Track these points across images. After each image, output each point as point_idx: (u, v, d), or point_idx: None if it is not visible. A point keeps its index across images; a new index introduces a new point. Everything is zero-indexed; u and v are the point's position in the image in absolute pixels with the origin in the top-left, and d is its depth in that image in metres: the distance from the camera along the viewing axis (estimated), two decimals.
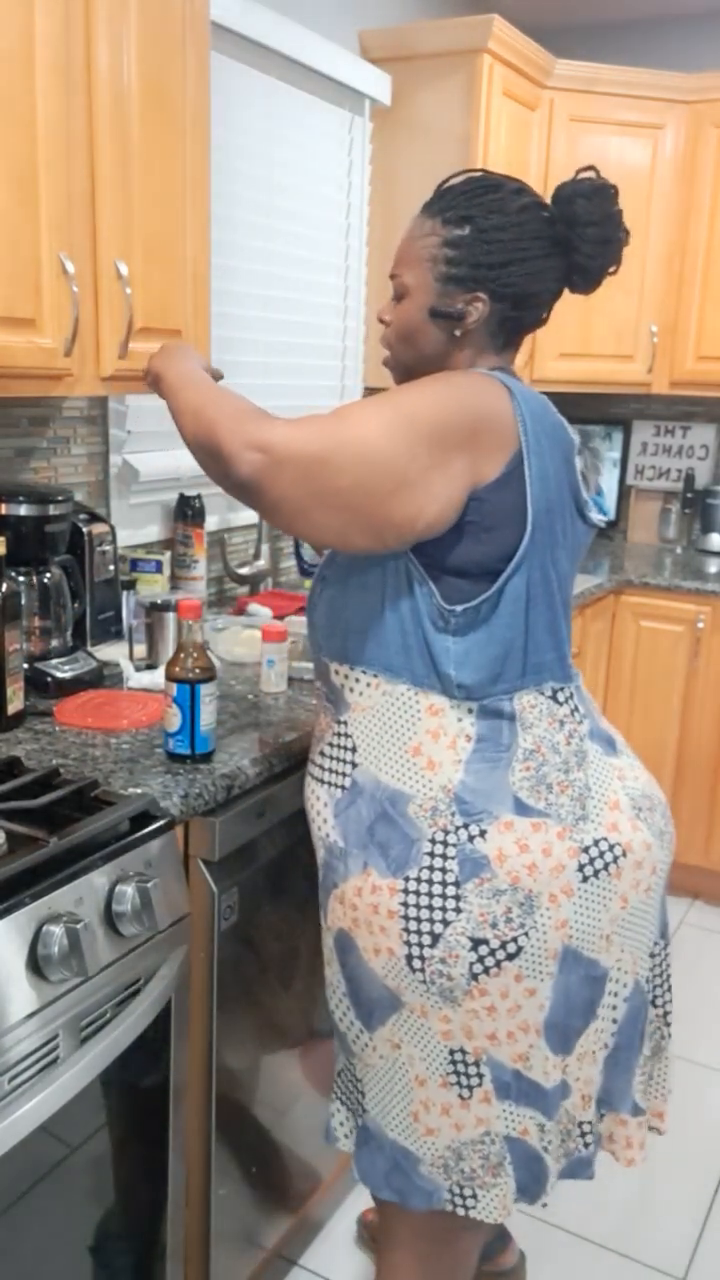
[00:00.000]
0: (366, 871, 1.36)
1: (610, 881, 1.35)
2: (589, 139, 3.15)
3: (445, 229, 1.35)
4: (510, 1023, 1.34)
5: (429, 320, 1.38)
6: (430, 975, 1.32)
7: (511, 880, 1.30)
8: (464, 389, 1.27)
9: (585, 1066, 1.41)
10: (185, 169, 1.79)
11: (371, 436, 1.22)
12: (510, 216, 1.33)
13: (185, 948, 1.43)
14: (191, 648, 1.50)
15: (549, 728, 1.35)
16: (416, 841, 1.32)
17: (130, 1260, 1.44)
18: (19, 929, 1.16)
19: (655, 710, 3.24)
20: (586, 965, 1.36)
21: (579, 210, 1.34)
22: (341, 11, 2.79)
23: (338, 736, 1.41)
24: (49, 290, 1.55)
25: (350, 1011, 1.43)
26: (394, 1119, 1.42)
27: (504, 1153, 1.40)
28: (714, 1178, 2.20)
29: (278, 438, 1.21)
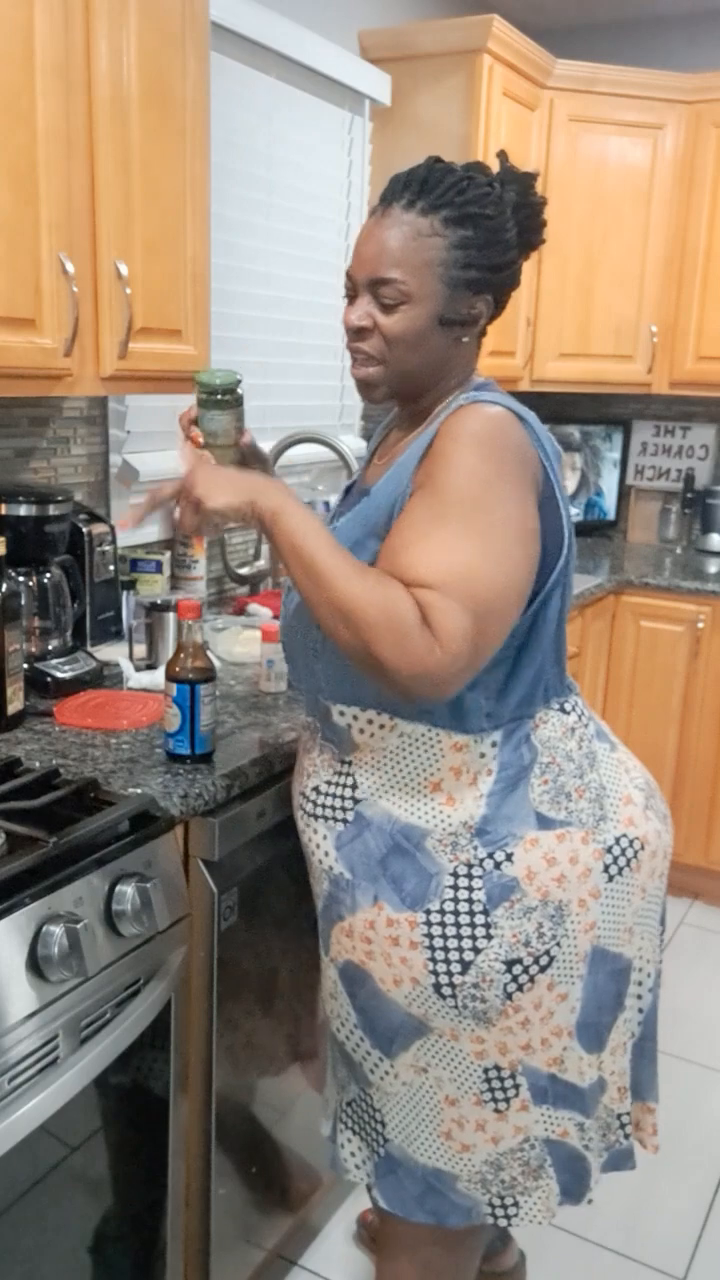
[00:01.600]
0: (378, 905, 1.33)
1: (632, 876, 1.36)
2: (589, 139, 3.15)
3: (449, 230, 1.25)
4: (544, 1030, 1.33)
5: (438, 328, 1.29)
6: (463, 1000, 1.31)
7: (541, 896, 1.29)
8: (500, 452, 1.21)
9: (618, 1059, 1.42)
10: (185, 169, 1.79)
11: (487, 574, 1.17)
12: (505, 218, 1.29)
13: (185, 948, 1.43)
14: (191, 648, 1.50)
15: (562, 737, 1.34)
16: (436, 875, 1.30)
17: (130, 1260, 1.44)
18: (19, 929, 1.16)
19: (655, 710, 3.24)
20: (612, 960, 1.37)
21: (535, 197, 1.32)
22: (341, 11, 2.79)
23: (339, 775, 1.37)
24: (49, 290, 1.55)
25: (365, 1041, 1.40)
26: (423, 1142, 1.40)
27: (544, 1155, 1.39)
28: (714, 1178, 2.20)
29: (443, 662, 1.14)
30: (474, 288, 1.29)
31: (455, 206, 1.26)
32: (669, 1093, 2.44)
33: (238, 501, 1.22)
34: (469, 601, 1.15)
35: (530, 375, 3.29)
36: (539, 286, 3.22)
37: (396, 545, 1.21)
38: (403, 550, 1.19)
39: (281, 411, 2.78)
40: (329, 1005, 1.46)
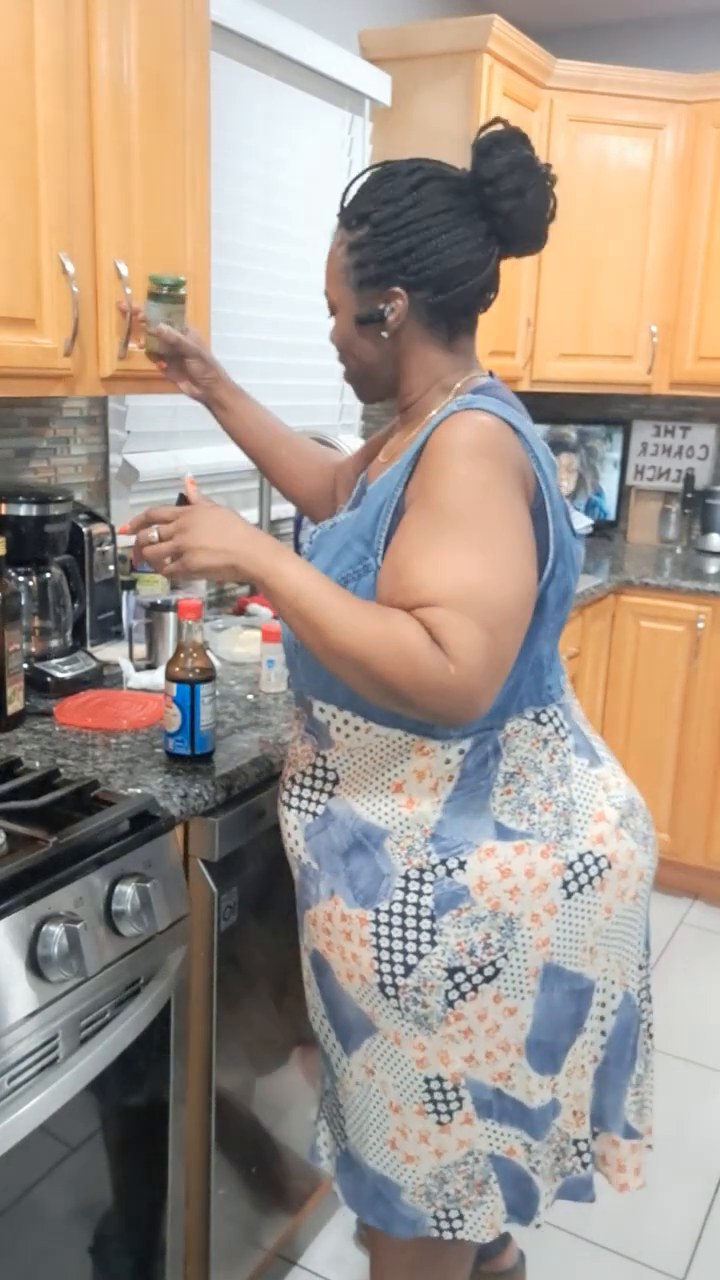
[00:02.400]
0: (334, 899, 1.34)
1: (595, 894, 1.32)
2: (589, 139, 3.15)
3: (348, 234, 1.30)
4: (489, 1043, 1.31)
5: (358, 330, 1.33)
6: (405, 1003, 1.30)
7: (492, 906, 1.28)
8: (492, 460, 1.19)
9: (575, 1081, 1.38)
10: (185, 169, 1.79)
11: (495, 584, 1.15)
12: (404, 200, 1.26)
13: (185, 948, 1.43)
14: (191, 648, 1.50)
15: (531, 749, 1.31)
16: (388, 876, 1.29)
17: (130, 1260, 1.44)
18: (19, 929, 1.16)
19: (655, 710, 3.24)
20: (570, 979, 1.33)
21: (484, 168, 1.26)
22: (341, 11, 2.79)
23: (316, 769, 1.37)
24: (49, 290, 1.55)
25: (331, 1034, 1.41)
26: (371, 1147, 1.40)
27: (489, 1170, 1.37)
28: (714, 1178, 2.20)
29: (461, 678, 1.13)
30: (376, 283, 1.29)
31: (351, 211, 1.30)
32: (669, 1093, 2.44)
33: (219, 564, 1.21)
34: (480, 613, 1.14)
35: (530, 375, 3.29)
36: (539, 286, 3.22)
37: (399, 566, 1.19)
38: (405, 571, 1.18)
39: (281, 411, 2.78)
40: (307, 992, 1.47)
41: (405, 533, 1.21)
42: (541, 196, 1.29)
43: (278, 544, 1.23)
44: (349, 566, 1.28)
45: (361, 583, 1.27)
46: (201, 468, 2.46)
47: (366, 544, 1.28)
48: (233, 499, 2.63)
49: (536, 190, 1.28)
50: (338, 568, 1.29)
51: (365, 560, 1.27)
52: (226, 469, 2.55)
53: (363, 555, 1.27)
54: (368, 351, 1.34)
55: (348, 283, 1.31)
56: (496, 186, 1.26)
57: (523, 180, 1.26)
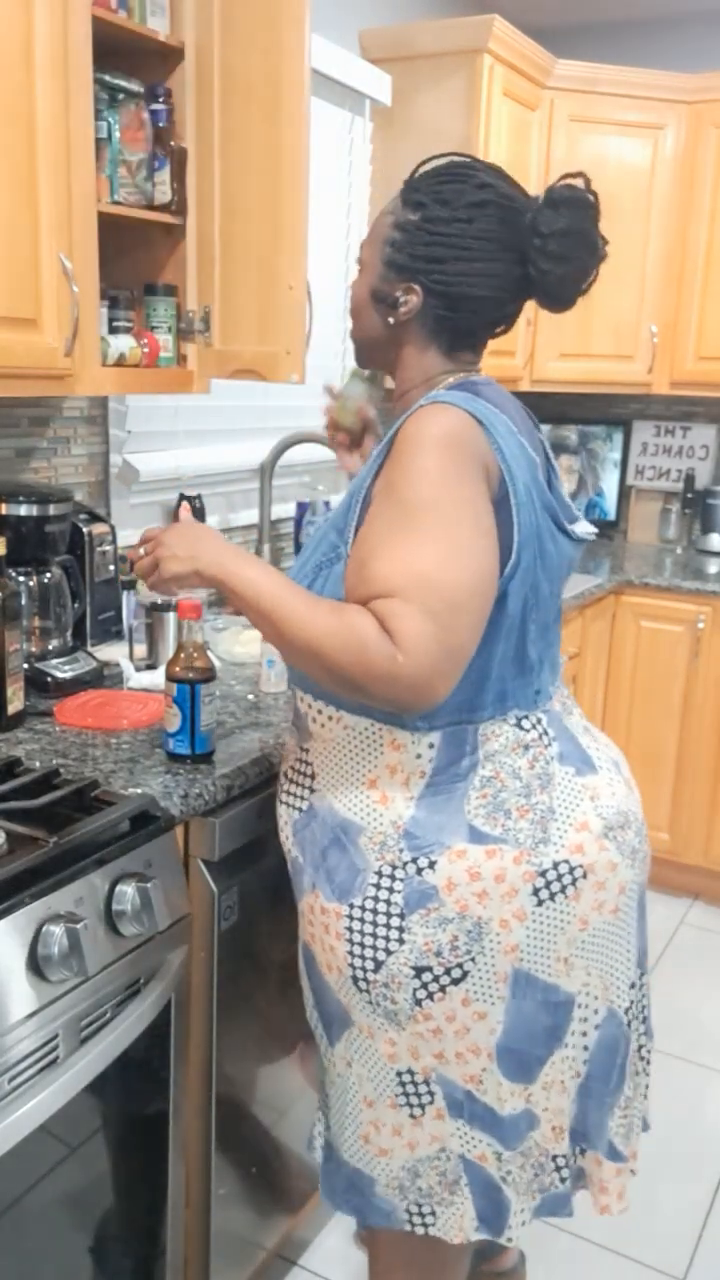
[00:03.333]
0: (315, 892, 1.36)
1: (568, 904, 1.31)
2: (589, 139, 3.15)
3: (401, 210, 1.31)
4: (459, 1044, 1.32)
5: (370, 301, 1.35)
6: (375, 997, 1.32)
7: (460, 909, 1.28)
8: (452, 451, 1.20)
9: (554, 1096, 1.37)
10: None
11: (446, 572, 1.17)
12: (459, 211, 1.26)
13: (185, 948, 1.43)
14: (191, 648, 1.50)
15: (511, 754, 1.31)
16: (362, 871, 1.31)
17: (130, 1260, 1.44)
18: (19, 929, 1.16)
19: (655, 710, 3.24)
20: (543, 990, 1.32)
21: (541, 219, 1.26)
22: (341, 11, 2.79)
23: (300, 763, 1.41)
24: (49, 290, 1.55)
25: (319, 1024, 1.44)
26: (347, 1140, 1.42)
27: (460, 1170, 1.38)
28: (714, 1178, 2.20)
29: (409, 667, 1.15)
30: (401, 272, 1.30)
31: (418, 191, 1.30)
32: (669, 1093, 2.44)
33: (185, 570, 1.28)
34: (430, 601, 1.16)
35: (530, 375, 3.29)
36: None
37: (362, 557, 1.23)
38: (366, 563, 1.22)
39: (282, 411, 2.78)
40: (301, 982, 1.49)
41: (369, 525, 1.24)
42: (583, 271, 1.30)
43: (244, 552, 1.28)
44: (324, 554, 1.32)
45: (334, 571, 1.30)
46: (202, 468, 2.46)
47: (339, 533, 1.31)
48: (233, 499, 2.63)
49: (580, 264, 1.29)
50: (315, 556, 1.33)
51: (337, 549, 1.30)
52: (227, 469, 2.55)
53: (335, 544, 1.31)
54: (373, 324, 1.36)
55: (380, 255, 1.33)
56: (545, 244, 1.27)
57: (571, 250, 1.27)
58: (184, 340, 1.94)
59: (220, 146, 1.83)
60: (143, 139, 1.77)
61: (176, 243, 1.90)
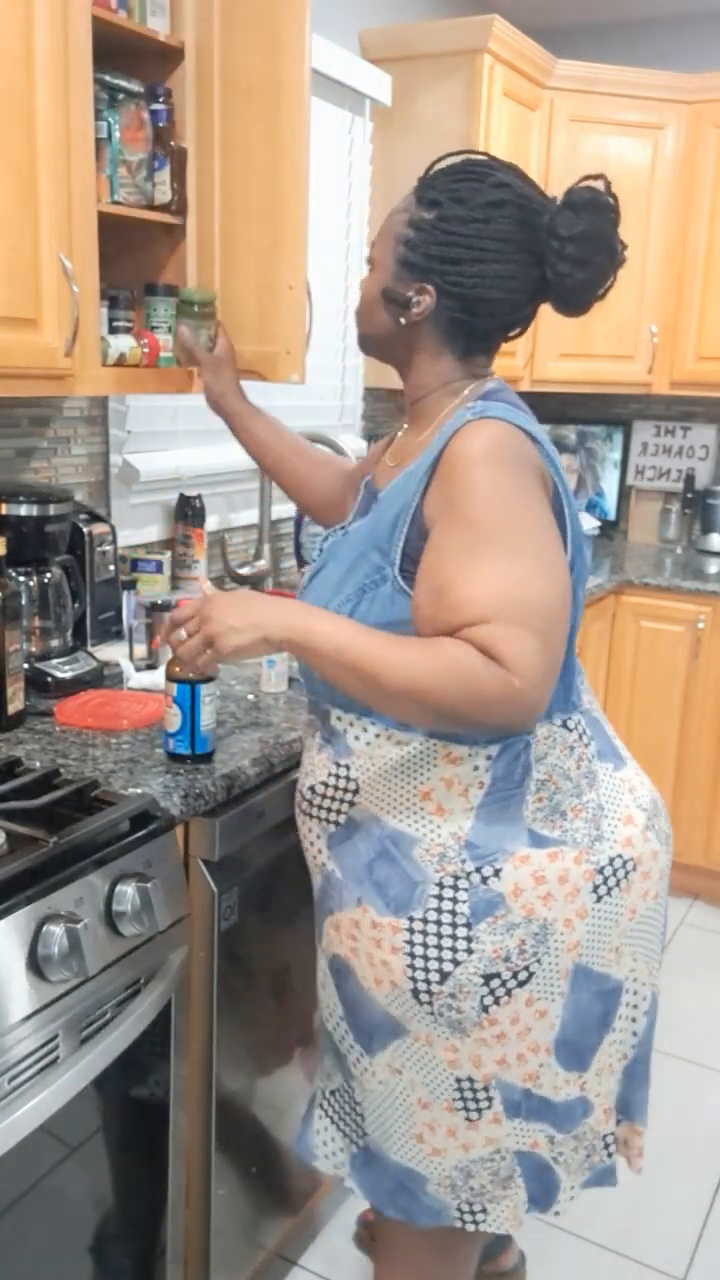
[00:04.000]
0: (362, 907, 1.33)
1: (622, 896, 1.33)
2: (589, 139, 3.15)
3: (416, 209, 1.28)
4: (520, 1045, 1.32)
5: (380, 300, 1.32)
6: (439, 1008, 1.30)
7: (526, 913, 1.28)
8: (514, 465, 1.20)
9: (605, 1080, 1.39)
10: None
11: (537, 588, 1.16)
12: (475, 210, 1.24)
13: (185, 948, 1.43)
14: None
15: (560, 756, 1.31)
16: (421, 884, 1.29)
17: (130, 1260, 1.44)
18: (19, 929, 1.16)
19: (655, 710, 3.24)
20: (598, 980, 1.34)
21: (560, 222, 1.25)
22: (341, 11, 2.79)
23: (336, 778, 1.36)
24: (49, 290, 1.55)
25: (349, 1034, 1.40)
26: (396, 1141, 1.40)
27: (514, 1167, 1.38)
28: (714, 1178, 2.20)
29: (524, 689, 1.14)
30: (415, 272, 1.28)
31: (433, 189, 1.28)
32: (669, 1093, 2.44)
33: (249, 640, 1.21)
34: (530, 620, 1.15)
35: (530, 375, 3.29)
36: None
37: (439, 586, 1.19)
38: (447, 591, 1.18)
39: (282, 411, 2.78)
40: (321, 994, 1.46)
41: (439, 551, 1.21)
42: (601, 275, 1.28)
43: (302, 604, 1.24)
44: (366, 576, 1.28)
45: (379, 592, 1.27)
46: (202, 468, 2.46)
47: (383, 554, 1.27)
48: (233, 499, 2.63)
49: (599, 268, 1.27)
50: (354, 577, 1.29)
51: (382, 570, 1.27)
52: (227, 469, 2.55)
53: (379, 565, 1.28)
54: (384, 323, 1.34)
55: (393, 253, 1.30)
56: (563, 246, 1.25)
57: (591, 254, 1.26)
58: None
59: (220, 146, 1.83)
60: (143, 139, 1.77)
61: (176, 243, 1.90)
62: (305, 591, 1.38)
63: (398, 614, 1.26)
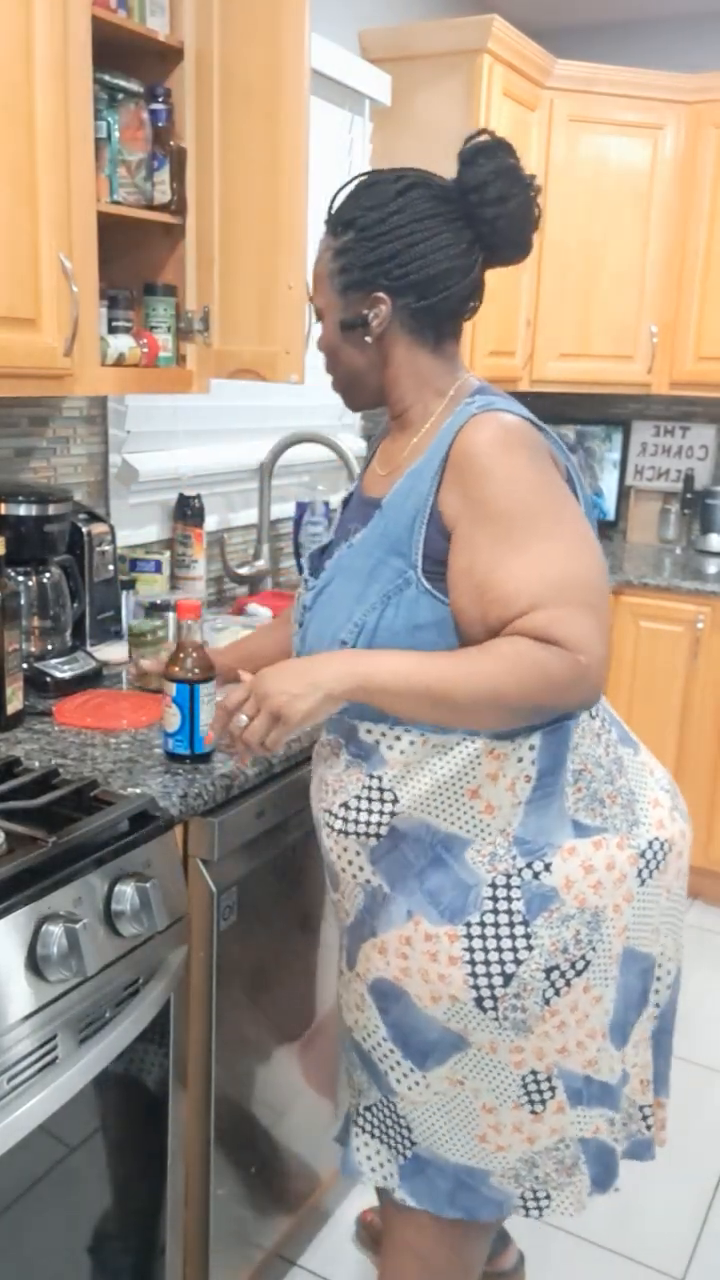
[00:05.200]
0: (414, 920, 1.31)
1: (660, 878, 1.37)
2: (589, 139, 3.15)
3: (334, 239, 1.31)
4: (579, 1032, 1.33)
5: (343, 336, 1.33)
6: (504, 1012, 1.30)
7: (579, 903, 1.29)
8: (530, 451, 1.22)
9: (641, 1052, 1.43)
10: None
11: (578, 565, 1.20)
12: (389, 206, 1.27)
13: (185, 948, 1.43)
14: (191, 648, 1.50)
15: (591, 744, 1.33)
16: (474, 887, 1.28)
17: (129, 1260, 1.44)
18: (18, 929, 1.16)
19: (655, 710, 3.24)
20: (640, 959, 1.38)
21: (468, 176, 1.27)
22: (341, 11, 2.79)
23: (369, 790, 1.33)
24: (49, 290, 1.55)
25: (396, 1053, 1.38)
26: (457, 1145, 1.39)
27: (579, 1153, 1.40)
28: (714, 1178, 2.20)
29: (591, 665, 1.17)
30: (360, 287, 1.29)
31: (337, 216, 1.31)
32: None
33: (314, 701, 1.20)
34: (580, 596, 1.18)
35: (530, 375, 3.29)
36: (539, 286, 3.22)
37: (479, 584, 1.21)
38: (490, 586, 1.20)
39: (281, 411, 2.78)
40: (352, 1016, 1.43)
41: (472, 549, 1.21)
42: (525, 205, 1.29)
43: (349, 652, 1.25)
44: (388, 582, 1.28)
45: (404, 596, 1.26)
46: (201, 468, 2.46)
47: (404, 557, 1.27)
48: (232, 499, 2.63)
49: (520, 199, 1.28)
50: (375, 585, 1.29)
51: (405, 574, 1.27)
52: (226, 469, 2.55)
53: (401, 569, 1.27)
54: (353, 357, 1.35)
55: (333, 288, 1.32)
56: (481, 194, 1.26)
57: (506, 189, 1.27)
58: (183, 340, 1.94)
59: (220, 146, 1.83)
60: (142, 139, 1.77)
61: (176, 242, 1.90)
62: (313, 610, 1.36)
63: (424, 616, 1.25)
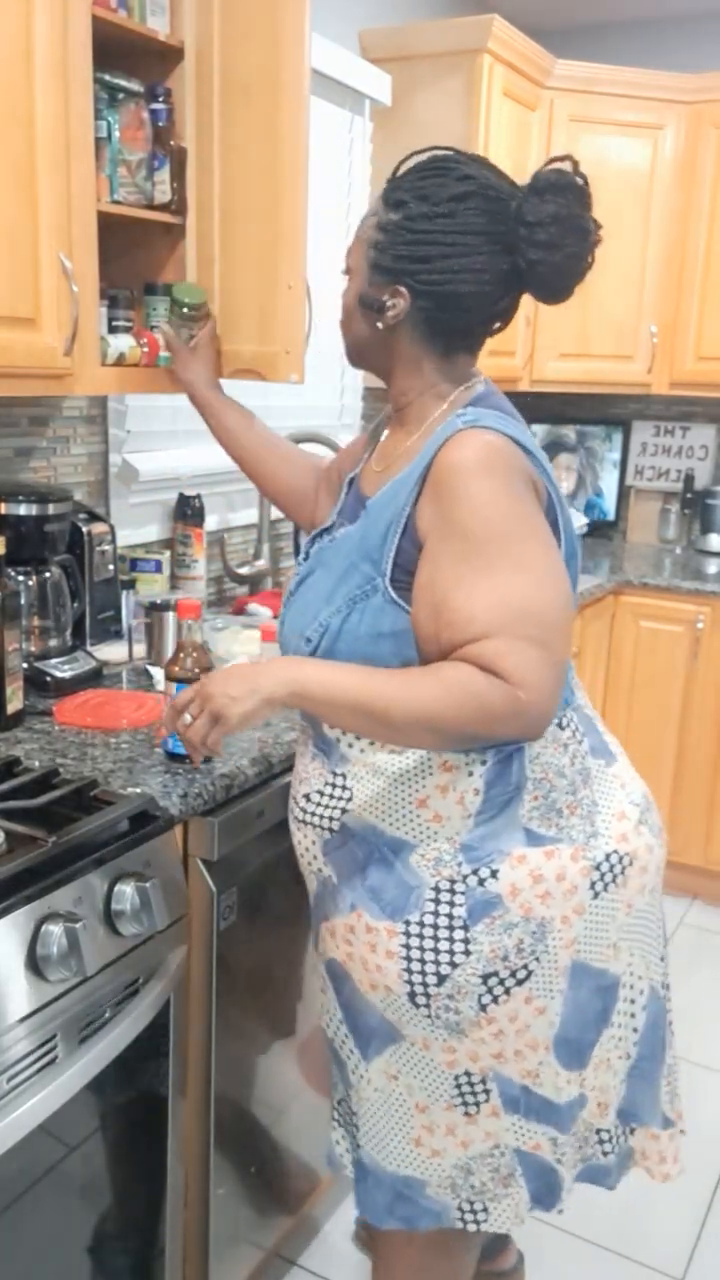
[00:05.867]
0: (356, 912, 1.33)
1: (618, 891, 1.33)
2: (589, 139, 3.15)
3: (384, 211, 1.26)
4: (518, 1042, 1.32)
5: (359, 306, 1.31)
6: (436, 1010, 1.29)
7: (524, 912, 1.27)
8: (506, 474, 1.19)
9: (602, 1074, 1.39)
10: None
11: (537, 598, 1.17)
12: (440, 206, 1.21)
13: (184, 948, 1.43)
14: (191, 647, 1.50)
15: (555, 753, 1.31)
16: (416, 889, 1.28)
17: (129, 1260, 1.44)
18: (18, 928, 1.16)
19: (655, 710, 3.24)
20: (596, 976, 1.34)
21: (527, 208, 1.22)
22: (341, 11, 2.79)
23: (331, 787, 1.34)
24: (49, 289, 1.55)
25: (349, 1040, 1.40)
26: (392, 1150, 1.39)
27: (514, 1164, 1.38)
28: (713, 1178, 2.20)
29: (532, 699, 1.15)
30: (386, 275, 1.26)
31: (399, 189, 1.26)
32: None
33: (252, 705, 1.20)
34: (532, 631, 1.15)
35: (530, 375, 3.29)
36: None
37: (437, 603, 1.19)
38: (446, 607, 1.18)
39: (281, 411, 2.78)
40: (320, 1000, 1.46)
41: (435, 566, 1.20)
42: (575, 259, 1.24)
43: (293, 659, 1.24)
44: (356, 587, 1.28)
45: (370, 603, 1.26)
46: (201, 468, 2.46)
47: (374, 564, 1.27)
48: (232, 498, 2.63)
49: (572, 251, 1.23)
50: (344, 588, 1.29)
51: (373, 580, 1.27)
52: (226, 469, 2.54)
53: (370, 576, 1.27)
54: (360, 329, 1.33)
55: (365, 258, 1.29)
56: (533, 232, 1.22)
57: (559, 237, 1.22)
58: None
59: (220, 146, 1.82)
60: (142, 138, 1.77)
61: (176, 242, 1.90)
62: (293, 596, 1.37)
63: (389, 625, 1.25)
